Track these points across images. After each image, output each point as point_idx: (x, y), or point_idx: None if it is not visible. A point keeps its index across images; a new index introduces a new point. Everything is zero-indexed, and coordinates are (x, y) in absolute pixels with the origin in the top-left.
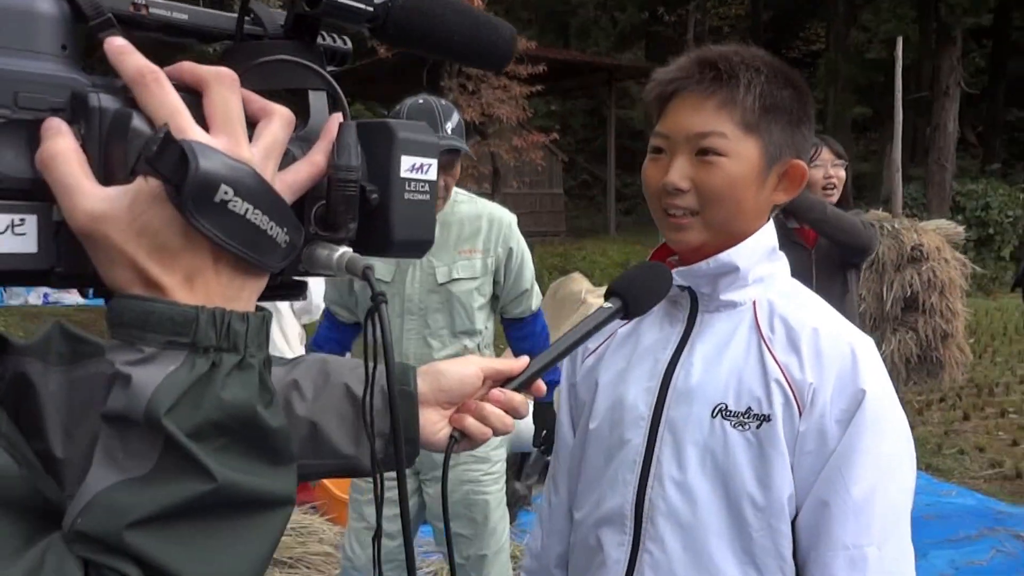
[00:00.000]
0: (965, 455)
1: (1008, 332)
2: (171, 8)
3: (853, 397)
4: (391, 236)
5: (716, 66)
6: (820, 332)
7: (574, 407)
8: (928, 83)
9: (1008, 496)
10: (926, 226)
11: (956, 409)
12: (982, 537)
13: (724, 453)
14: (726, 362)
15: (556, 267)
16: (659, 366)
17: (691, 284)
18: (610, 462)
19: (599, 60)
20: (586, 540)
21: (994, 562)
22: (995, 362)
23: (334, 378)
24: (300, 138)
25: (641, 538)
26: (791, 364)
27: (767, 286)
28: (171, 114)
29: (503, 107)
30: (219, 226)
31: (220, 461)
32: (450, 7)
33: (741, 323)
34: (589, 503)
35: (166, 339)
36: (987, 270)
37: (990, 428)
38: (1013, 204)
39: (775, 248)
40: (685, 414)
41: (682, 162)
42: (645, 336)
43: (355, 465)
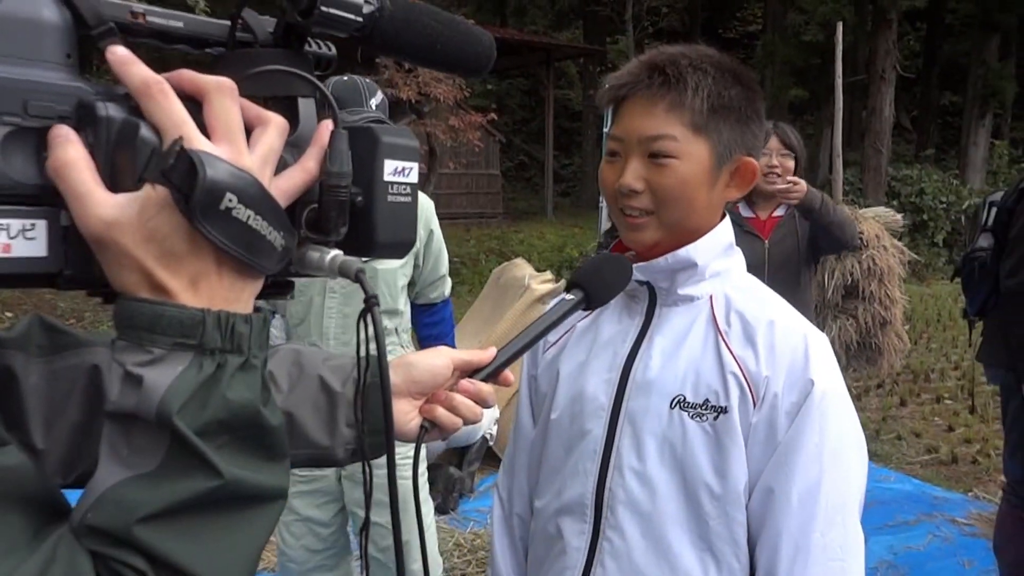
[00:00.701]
0: (902, 441)
1: (942, 319)
2: (167, 16)
3: (802, 389)
4: (375, 237)
5: (664, 70)
6: (775, 325)
7: (535, 398)
8: (864, 66)
9: (944, 481)
10: (865, 213)
11: (893, 395)
12: (919, 522)
13: (682, 444)
14: (684, 355)
15: (494, 250)
16: (618, 358)
17: (649, 279)
18: (571, 453)
19: (536, 39)
20: (546, 529)
21: (931, 547)
22: (930, 348)
23: (308, 370)
24: (290, 144)
25: (601, 527)
26: (747, 357)
27: (723, 280)
28: (177, 125)
29: (440, 86)
30: (223, 232)
31: (225, 458)
32: (434, 17)
33: (698, 317)
34: (550, 492)
35: (174, 341)
36: (921, 256)
37: (926, 414)
38: (946, 190)
39: (732, 244)
40: (644, 406)
41: (635, 164)
42: (604, 329)
43: (329, 455)
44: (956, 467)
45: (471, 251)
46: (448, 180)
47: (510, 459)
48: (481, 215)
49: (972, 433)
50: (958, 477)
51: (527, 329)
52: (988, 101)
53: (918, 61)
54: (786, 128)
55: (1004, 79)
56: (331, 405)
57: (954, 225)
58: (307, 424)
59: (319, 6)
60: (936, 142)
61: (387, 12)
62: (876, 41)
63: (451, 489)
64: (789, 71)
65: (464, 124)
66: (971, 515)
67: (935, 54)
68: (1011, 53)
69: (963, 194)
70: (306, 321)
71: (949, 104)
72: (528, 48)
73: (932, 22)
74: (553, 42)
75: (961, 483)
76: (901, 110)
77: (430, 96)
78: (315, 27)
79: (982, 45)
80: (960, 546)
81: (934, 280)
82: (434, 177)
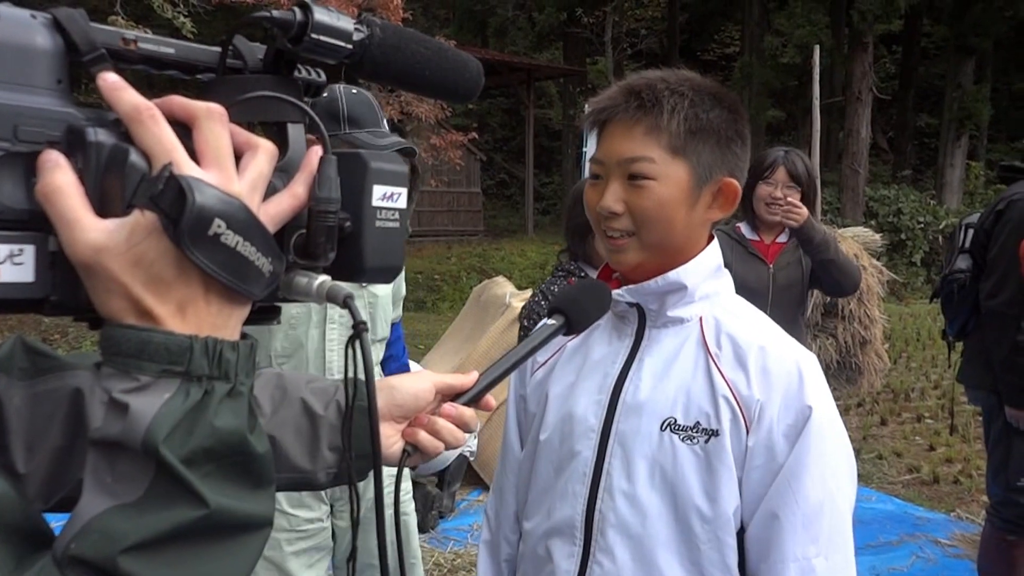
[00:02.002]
0: (884, 460)
1: (921, 338)
2: (158, 43)
3: (800, 413)
4: (363, 263)
5: (640, 95)
6: (767, 350)
7: (522, 418)
8: (841, 88)
9: (926, 501)
10: (845, 233)
11: (874, 414)
12: (902, 543)
13: (673, 466)
14: (674, 377)
15: (475, 267)
16: (608, 380)
17: (639, 301)
18: (560, 474)
19: (517, 60)
20: (535, 551)
21: (914, 568)
22: (910, 367)
23: (291, 393)
24: (280, 169)
25: (591, 549)
26: (739, 381)
27: (713, 302)
28: (166, 150)
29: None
30: (211, 258)
31: (211, 487)
32: (423, 44)
33: (688, 339)
34: (539, 514)
35: (161, 368)
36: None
37: (907, 433)
38: (924, 210)
39: (720, 266)
40: (635, 427)
41: (616, 187)
42: (594, 350)
43: (310, 480)
44: (938, 487)
45: (452, 268)
46: (430, 198)
47: (498, 479)
48: (462, 232)
49: (953, 453)
50: (940, 497)
51: (508, 354)
52: (964, 123)
53: (894, 83)
54: (795, 159)
55: (979, 102)
56: (313, 429)
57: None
58: (289, 448)
59: (309, 33)
60: (913, 163)
61: (377, 39)
62: (852, 64)
63: (429, 507)
64: (767, 93)
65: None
66: (954, 536)
67: (911, 76)
68: (986, 76)
69: (940, 214)
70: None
71: (925, 126)
72: (509, 68)
73: (907, 45)
74: (533, 63)
75: (943, 503)
76: (878, 131)
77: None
78: (305, 54)
79: (957, 68)
80: (944, 567)
81: (913, 299)
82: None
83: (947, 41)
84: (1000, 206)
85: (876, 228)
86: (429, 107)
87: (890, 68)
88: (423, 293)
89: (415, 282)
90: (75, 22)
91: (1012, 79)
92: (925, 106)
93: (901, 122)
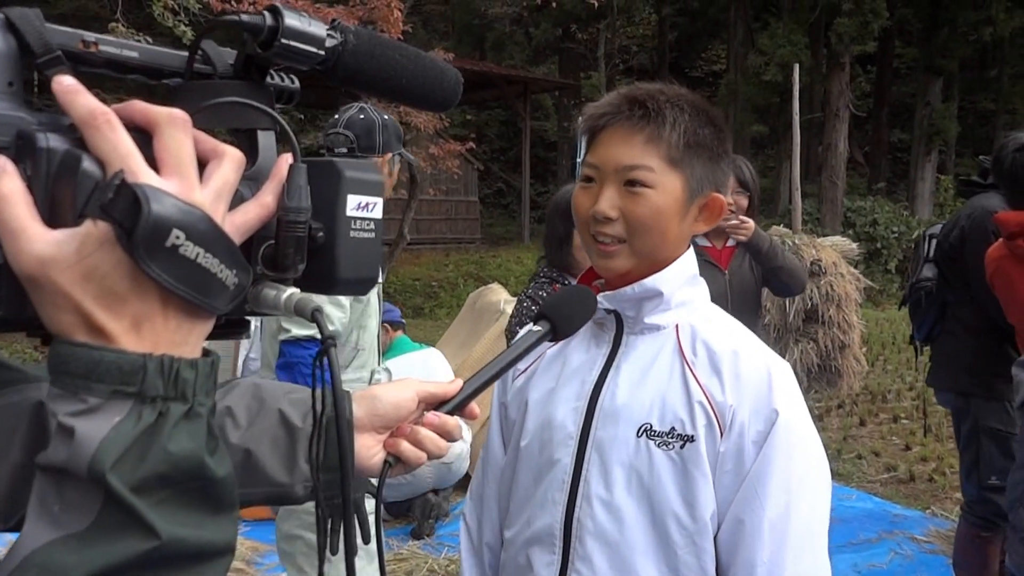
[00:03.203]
0: (863, 460)
1: (897, 342)
2: (121, 46)
3: (767, 418)
4: (336, 274)
5: (644, 104)
6: (740, 355)
7: (504, 426)
8: (820, 105)
9: (903, 499)
10: (823, 242)
11: (853, 415)
12: (881, 540)
13: (649, 473)
14: (650, 383)
15: (472, 274)
16: (586, 387)
17: (617, 307)
18: (540, 482)
19: (514, 73)
20: (516, 559)
21: (893, 564)
22: (886, 370)
23: (269, 404)
24: (248, 178)
25: (570, 557)
26: (713, 386)
27: (689, 310)
28: (122, 157)
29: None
30: (169, 271)
31: (164, 515)
32: (398, 51)
33: (664, 346)
34: (520, 522)
35: (112, 389)
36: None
37: (884, 433)
38: (897, 221)
39: (696, 274)
40: (612, 434)
41: (611, 192)
42: (573, 357)
43: (287, 493)
44: (914, 485)
45: (449, 275)
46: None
47: (479, 487)
48: (460, 240)
49: (928, 452)
50: (916, 495)
51: (494, 361)
52: (933, 139)
53: (869, 101)
54: (742, 165)
55: (947, 119)
56: (291, 441)
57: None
58: (265, 461)
59: (279, 38)
60: (887, 176)
61: (350, 45)
62: (831, 82)
63: (427, 515)
64: (751, 108)
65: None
66: (929, 532)
67: (884, 95)
68: (953, 95)
69: (912, 224)
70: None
71: (898, 141)
72: (506, 81)
73: (881, 65)
74: (530, 76)
75: (919, 500)
76: (855, 146)
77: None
78: (276, 59)
79: (927, 88)
80: (920, 563)
81: (888, 305)
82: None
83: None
84: (964, 223)
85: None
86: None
87: (865, 87)
88: (421, 300)
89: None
90: (29, 22)
91: (977, 98)
92: (898, 123)
93: (876, 137)
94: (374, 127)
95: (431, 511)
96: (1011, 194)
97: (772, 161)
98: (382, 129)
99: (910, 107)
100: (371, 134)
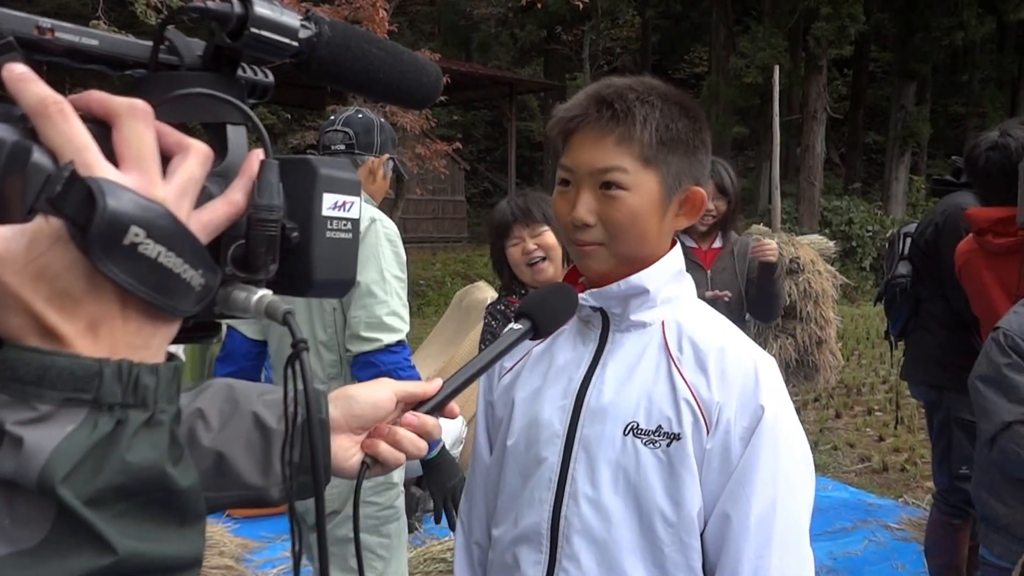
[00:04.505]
0: (838, 451)
1: (871, 337)
2: (80, 33)
3: (753, 414)
4: (311, 276)
5: (612, 105)
6: (726, 352)
7: (491, 424)
8: (799, 107)
9: (877, 489)
10: (801, 240)
11: (829, 408)
12: (856, 529)
13: (636, 471)
14: (637, 381)
15: (459, 273)
16: (572, 385)
17: (603, 305)
18: (527, 481)
19: (500, 74)
20: (503, 558)
21: (867, 552)
22: (861, 364)
23: (243, 406)
24: (217, 174)
25: (557, 556)
26: (699, 384)
27: (674, 306)
28: (77, 149)
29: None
30: (128, 270)
31: (121, 529)
32: (376, 45)
33: (650, 343)
34: (507, 521)
35: (65, 396)
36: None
37: (859, 425)
38: (872, 220)
39: (682, 270)
40: (599, 432)
41: (587, 197)
42: (559, 355)
43: (262, 496)
44: (887, 475)
45: (437, 274)
46: (415, 206)
47: (470, 484)
48: (447, 239)
49: (900, 443)
50: (889, 484)
51: (474, 360)
52: (907, 141)
53: (846, 103)
54: (721, 170)
55: (920, 121)
56: (265, 443)
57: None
58: (239, 464)
59: (249, 27)
60: (862, 176)
61: (325, 37)
62: (809, 85)
63: (413, 509)
64: (732, 110)
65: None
66: (902, 520)
67: (860, 98)
68: (926, 99)
69: (887, 223)
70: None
71: (873, 143)
72: (492, 82)
73: (857, 69)
74: (515, 77)
75: (892, 490)
76: (831, 147)
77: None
78: (246, 50)
79: (901, 91)
80: (893, 550)
81: (863, 301)
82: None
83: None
84: (938, 220)
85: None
86: (414, 118)
87: (842, 90)
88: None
89: None
90: None
91: (949, 102)
92: (873, 125)
93: (852, 139)
94: (372, 126)
95: (416, 505)
96: (984, 191)
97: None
98: (380, 129)
99: (885, 110)
100: (369, 133)
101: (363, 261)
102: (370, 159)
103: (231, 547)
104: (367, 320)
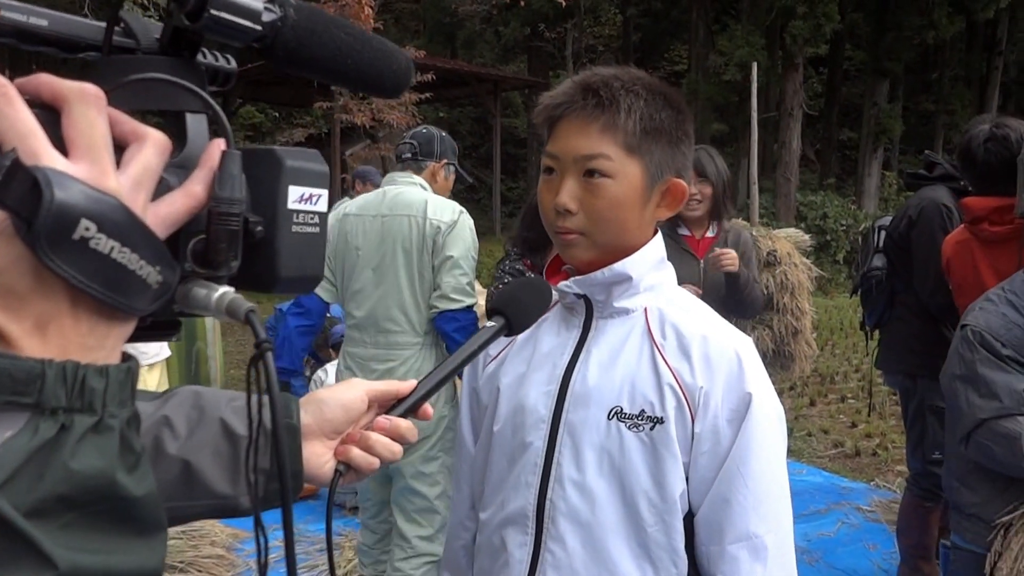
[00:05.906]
0: (812, 437)
1: (844, 327)
2: (27, 12)
3: (741, 399)
4: (277, 271)
5: (598, 92)
6: (709, 339)
7: (475, 411)
8: (776, 105)
9: (849, 473)
10: (778, 234)
11: (804, 396)
12: (829, 511)
13: (620, 454)
14: (620, 366)
15: None
16: (557, 370)
17: (586, 292)
18: (513, 465)
19: (485, 71)
20: (491, 541)
21: (840, 533)
22: (834, 354)
23: (210, 413)
24: (176, 165)
25: (543, 538)
26: (683, 369)
27: (657, 294)
28: (21, 136)
29: (393, 113)
30: (78, 266)
31: (65, 542)
32: (344, 30)
33: (634, 329)
34: (494, 505)
35: (3, 399)
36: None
37: (832, 412)
38: (846, 214)
39: (664, 258)
40: (583, 417)
41: (571, 184)
42: (543, 341)
43: (233, 505)
44: (859, 459)
45: None
46: None
47: (456, 470)
48: None
49: (872, 428)
50: (861, 468)
51: (448, 360)
52: (879, 137)
53: (821, 101)
54: (703, 156)
55: (892, 119)
56: (234, 450)
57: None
58: (207, 472)
59: (209, 9)
60: (836, 172)
61: (290, 21)
62: (786, 82)
63: None
64: (711, 107)
65: None
66: (873, 502)
67: (835, 95)
68: (898, 96)
69: (860, 218)
70: None
71: (847, 139)
72: (477, 79)
73: (832, 67)
74: (500, 74)
75: (864, 474)
76: (807, 144)
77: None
78: (207, 33)
79: (874, 89)
80: (865, 531)
81: (837, 293)
82: None
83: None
84: (912, 212)
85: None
86: (401, 115)
87: (817, 87)
88: None
89: None
90: None
91: (920, 99)
92: (847, 122)
93: (827, 136)
94: (433, 137)
95: None
96: (981, 183)
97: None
98: (440, 140)
99: (858, 107)
100: (431, 143)
101: (454, 240)
102: (431, 164)
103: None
104: (455, 285)
